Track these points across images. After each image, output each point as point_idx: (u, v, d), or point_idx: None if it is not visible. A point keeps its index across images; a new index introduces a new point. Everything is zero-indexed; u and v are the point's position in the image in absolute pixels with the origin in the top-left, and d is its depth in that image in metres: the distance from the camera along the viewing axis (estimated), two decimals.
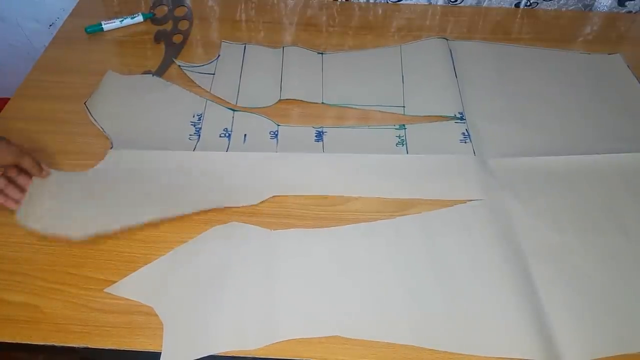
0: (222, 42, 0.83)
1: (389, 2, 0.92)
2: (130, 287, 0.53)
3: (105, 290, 0.52)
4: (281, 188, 0.63)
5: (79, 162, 0.65)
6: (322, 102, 0.75)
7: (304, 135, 0.70)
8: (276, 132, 0.70)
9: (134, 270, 0.55)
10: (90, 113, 0.70)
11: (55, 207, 0.57)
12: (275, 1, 0.92)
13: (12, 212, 0.59)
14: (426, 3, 0.92)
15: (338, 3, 0.92)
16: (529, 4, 0.91)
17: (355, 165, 0.65)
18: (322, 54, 0.82)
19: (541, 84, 0.78)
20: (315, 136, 0.70)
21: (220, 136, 0.69)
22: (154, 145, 0.67)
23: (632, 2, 0.89)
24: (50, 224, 0.55)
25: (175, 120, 0.71)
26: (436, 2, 0.91)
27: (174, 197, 0.60)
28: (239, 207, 0.60)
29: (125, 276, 0.54)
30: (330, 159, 0.66)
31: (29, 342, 0.50)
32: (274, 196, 0.62)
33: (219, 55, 0.81)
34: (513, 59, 0.82)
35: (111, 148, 0.66)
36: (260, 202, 0.61)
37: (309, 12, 0.91)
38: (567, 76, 0.79)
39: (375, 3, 0.92)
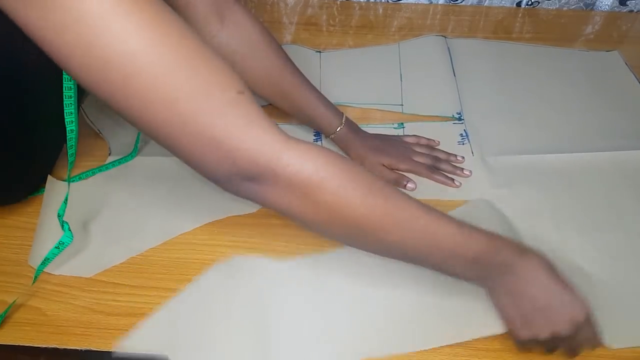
0: None
1: (390, 1, 0.91)
2: (141, 340, 0.50)
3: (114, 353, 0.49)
4: None
5: (80, 163, 0.65)
6: None
7: (303, 135, 0.69)
8: None
9: (136, 271, 0.55)
10: (86, 115, 0.69)
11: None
12: (275, 0, 0.92)
13: (12, 213, 0.59)
14: (427, 2, 0.91)
15: (338, 2, 0.92)
16: (530, 3, 0.91)
17: None
18: (320, 52, 0.82)
19: (539, 81, 0.78)
20: (314, 135, 0.69)
21: None
22: (151, 149, 0.66)
23: (634, 1, 0.89)
24: (60, 264, 0.54)
25: None
26: (437, 2, 0.91)
27: (175, 215, 0.60)
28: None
29: (127, 277, 0.54)
30: None
31: (31, 345, 0.50)
32: None
33: None
34: (511, 57, 0.82)
35: (109, 154, 0.65)
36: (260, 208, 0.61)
37: (309, 11, 0.90)
38: (565, 73, 0.79)
39: (375, 2, 0.91)
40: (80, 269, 0.55)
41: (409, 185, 0.63)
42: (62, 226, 0.53)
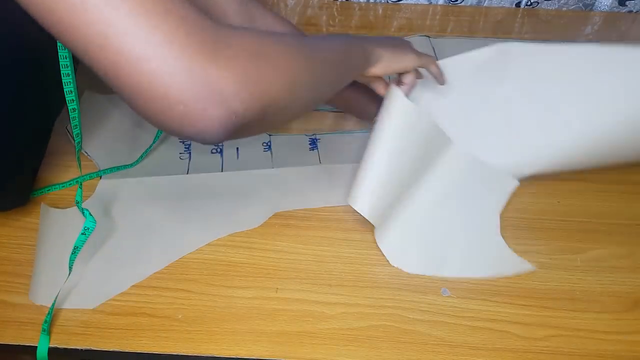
0: None
1: (389, 2, 0.91)
2: None
3: None
4: (282, 204, 0.61)
5: (73, 170, 0.65)
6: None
7: (298, 144, 0.69)
8: (269, 143, 0.68)
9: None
10: (71, 136, 0.65)
11: (61, 278, 0.53)
12: (275, 1, 0.92)
13: (12, 213, 0.59)
14: (426, 3, 0.91)
15: (338, 3, 0.92)
16: (529, 3, 0.91)
17: (353, 174, 0.64)
18: None
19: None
20: (310, 144, 0.69)
21: (212, 152, 0.67)
22: (144, 169, 0.65)
23: (633, 1, 0.89)
24: (62, 299, 0.52)
25: (164, 138, 0.68)
26: (437, 2, 0.91)
27: (175, 237, 0.58)
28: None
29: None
30: (328, 170, 0.65)
31: (31, 344, 0.50)
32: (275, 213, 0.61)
33: None
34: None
35: (100, 178, 0.63)
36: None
37: (309, 11, 0.90)
38: None
39: (375, 3, 0.92)
40: (83, 301, 0.53)
41: None
42: (82, 212, 0.52)
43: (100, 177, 0.63)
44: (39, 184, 0.62)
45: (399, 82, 0.55)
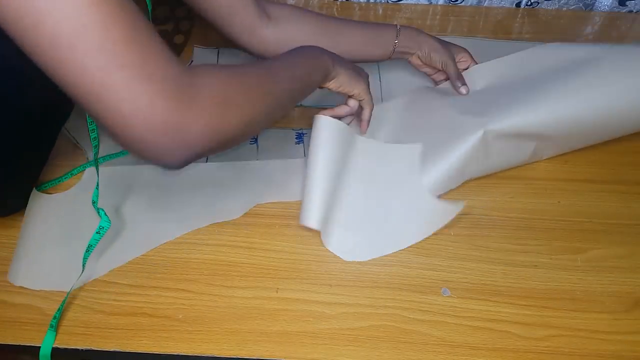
0: (194, 48, 0.81)
1: (389, 2, 0.91)
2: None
3: None
4: (264, 196, 0.62)
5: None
6: (300, 104, 0.73)
7: (284, 138, 0.69)
8: (255, 137, 0.69)
9: (136, 271, 0.55)
10: (70, 134, 0.67)
11: (43, 260, 0.54)
12: (275, 1, 0.92)
13: (12, 214, 0.59)
14: (427, 3, 0.91)
15: (338, 3, 0.92)
16: (529, 3, 0.91)
17: None
18: None
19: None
20: (296, 138, 0.69)
21: None
22: (129, 158, 0.65)
23: (633, 1, 0.89)
24: (42, 280, 0.53)
25: None
26: (437, 2, 0.91)
27: (155, 225, 0.59)
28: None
29: (127, 277, 0.54)
30: None
31: (32, 344, 0.50)
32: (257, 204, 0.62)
33: (191, 61, 0.79)
34: (488, 53, 0.80)
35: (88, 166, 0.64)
36: (245, 213, 0.61)
37: None
38: None
39: (375, 3, 0.92)
40: (61, 283, 0.53)
41: (462, 89, 0.66)
42: (98, 212, 0.53)
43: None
44: (38, 184, 0.62)
45: (344, 103, 0.60)
